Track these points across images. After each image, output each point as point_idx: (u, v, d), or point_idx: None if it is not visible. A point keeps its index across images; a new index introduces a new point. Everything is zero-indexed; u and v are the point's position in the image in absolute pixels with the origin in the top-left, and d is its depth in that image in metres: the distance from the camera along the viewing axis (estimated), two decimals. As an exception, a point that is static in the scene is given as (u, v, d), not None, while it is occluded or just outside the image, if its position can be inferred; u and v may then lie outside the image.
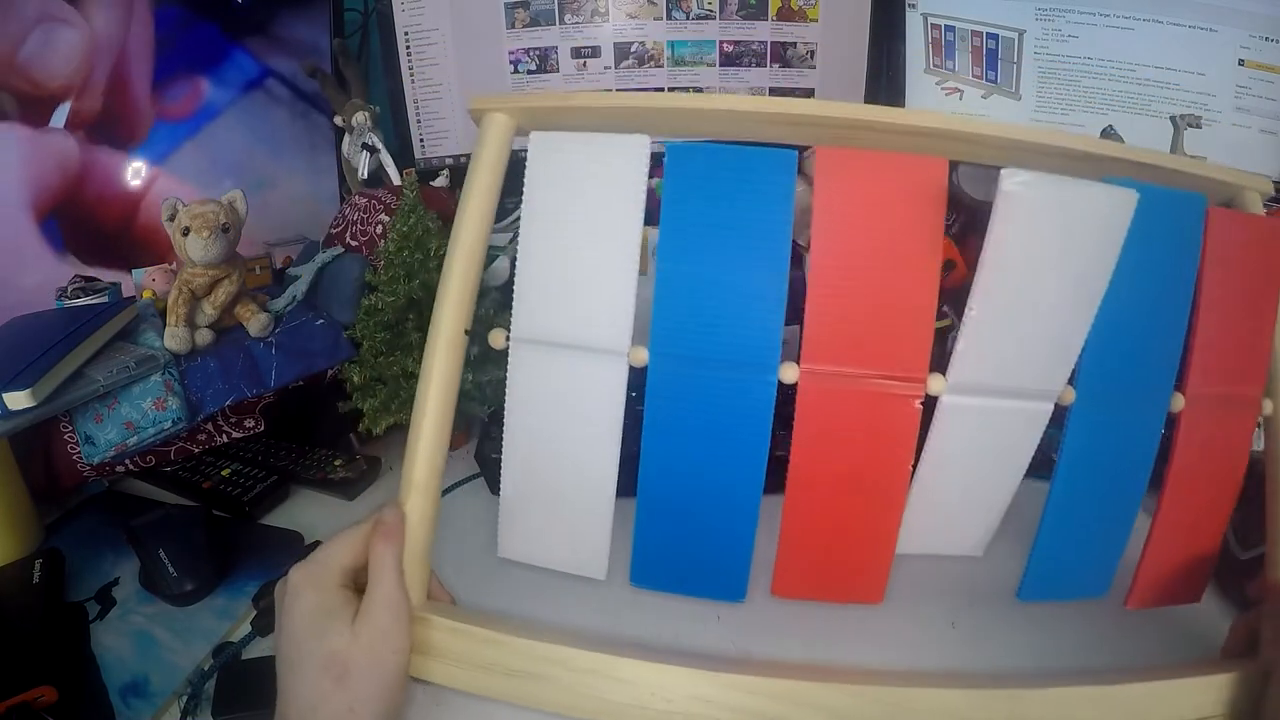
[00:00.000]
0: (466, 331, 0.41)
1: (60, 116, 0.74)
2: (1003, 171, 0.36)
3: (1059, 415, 0.43)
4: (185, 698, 0.43)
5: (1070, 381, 0.42)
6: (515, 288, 0.42)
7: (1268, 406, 0.44)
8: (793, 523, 0.42)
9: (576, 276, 0.41)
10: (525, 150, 0.42)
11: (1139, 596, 0.45)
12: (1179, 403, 0.43)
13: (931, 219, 0.39)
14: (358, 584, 0.39)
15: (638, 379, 0.41)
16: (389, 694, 0.36)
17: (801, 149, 0.41)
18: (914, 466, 0.42)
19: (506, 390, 0.43)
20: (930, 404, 0.41)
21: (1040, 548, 0.44)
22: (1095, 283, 0.40)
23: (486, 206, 0.42)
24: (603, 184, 0.40)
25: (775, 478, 0.41)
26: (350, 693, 0.35)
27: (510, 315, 0.42)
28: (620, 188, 0.40)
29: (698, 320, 0.40)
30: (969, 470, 0.44)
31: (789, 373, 0.40)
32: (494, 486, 0.62)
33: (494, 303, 0.61)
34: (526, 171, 0.41)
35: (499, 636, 0.39)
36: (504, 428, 0.43)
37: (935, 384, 0.40)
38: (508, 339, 0.42)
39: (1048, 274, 0.39)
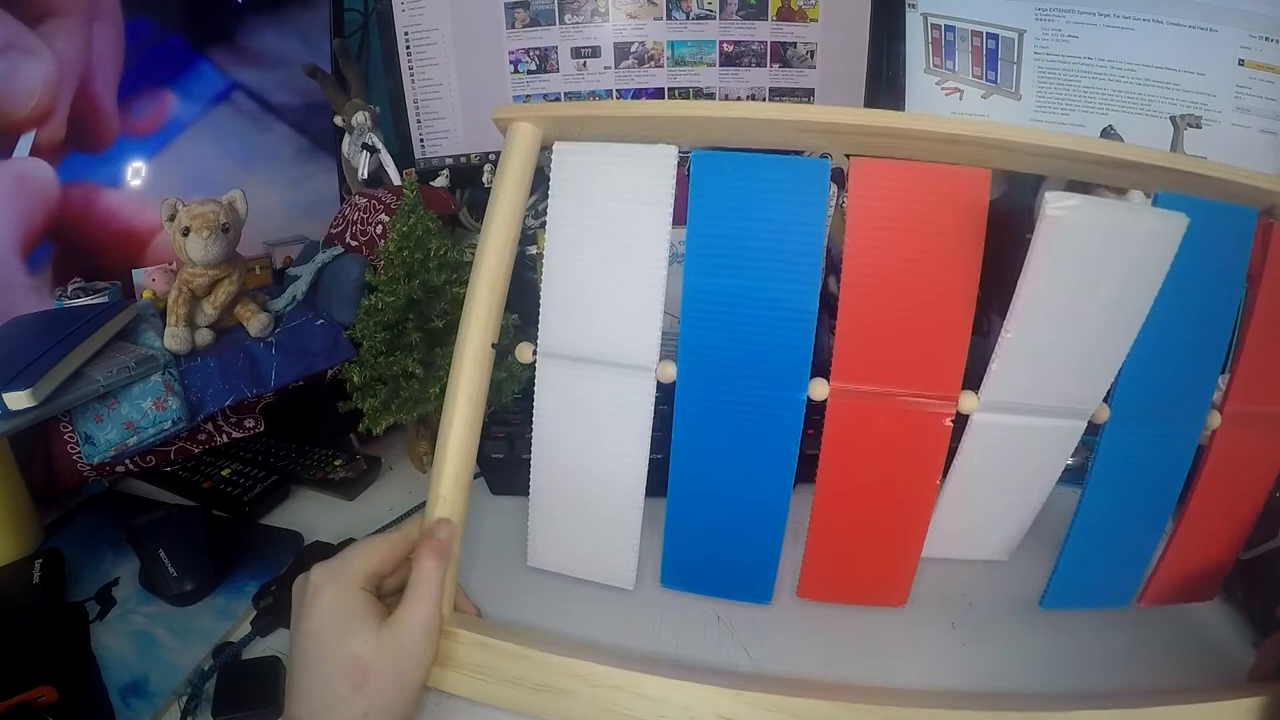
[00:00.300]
0: (493, 345, 0.41)
1: (24, 146, 0.72)
2: (1047, 195, 0.35)
3: (1092, 425, 0.42)
4: (185, 698, 0.43)
5: (1105, 398, 0.41)
6: (541, 301, 0.41)
7: None
8: (820, 530, 0.43)
9: (603, 291, 0.40)
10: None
11: (1152, 596, 0.45)
12: (1215, 420, 0.42)
13: (971, 232, 0.38)
14: (381, 590, 0.39)
15: (665, 387, 0.41)
16: (405, 706, 0.36)
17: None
18: (943, 477, 0.42)
19: (535, 403, 0.43)
20: (961, 418, 0.40)
21: (1065, 560, 0.44)
22: (1138, 306, 0.39)
23: (513, 219, 0.41)
24: (629, 196, 0.39)
25: (801, 469, 0.41)
26: (367, 699, 0.34)
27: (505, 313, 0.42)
28: (647, 200, 0.39)
29: (726, 335, 0.39)
30: (998, 482, 0.44)
31: (819, 389, 0.39)
32: (494, 487, 0.62)
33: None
34: (551, 183, 0.40)
35: (525, 651, 0.39)
36: (532, 440, 0.43)
37: (967, 402, 0.40)
38: (534, 353, 0.42)
39: (1089, 299, 0.38)
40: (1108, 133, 0.74)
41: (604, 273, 0.40)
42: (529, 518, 0.46)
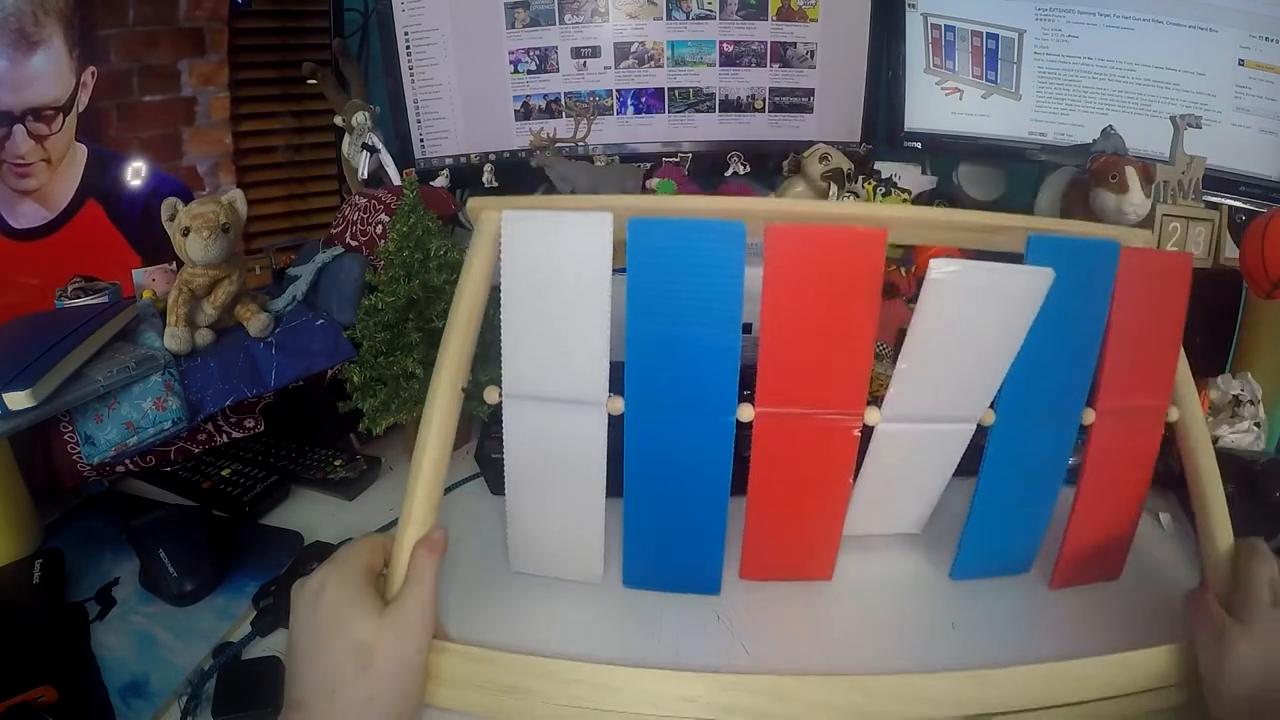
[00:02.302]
0: (463, 389, 0.45)
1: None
2: (933, 261, 0.42)
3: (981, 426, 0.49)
4: (185, 698, 0.43)
5: (991, 405, 0.48)
6: (503, 350, 0.46)
7: (1174, 414, 0.50)
8: (754, 524, 0.50)
9: (555, 340, 0.45)
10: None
11: (1062, 579, 0.52)
12: (1089, 416, 0.49)
13: (869, 280, 0.44)
14: (378, 585, 0.40)
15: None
16: (408, 691, 0.37)
17: (801, 147, 0.42)
18: (856, 475, 0.49)
19: (504, 435, 0.48)
20: (868, 428, 0.47)
21: (967, 539, 0.51)
22: (1012, 341, 0.46)
23: (482, 289, 0.46)
24: (572, 256, 0.43)
25: (739, 479, 0.47)
26: (371, 682, 0.35)
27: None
28: (588, 259, 0.43)
29: (665, 373, 0.45)
30: (904, 474, 0.52)
31: (745, 412, 0.46)
32: (494, 487, 0.62)
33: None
34: (502, 248, 0.44)
35: (487, 654, 0.41)
36: (505, 467, 0.48)
37: (871, 415, 0.47)
38: (500, 395, 0.47)
39: (969, 340, 0.45)
40: (1107, 133, 0.74)
41: (554, 325, 0.45)
42: (507, 529, 0.51)
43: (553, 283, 0.44)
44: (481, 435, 0.65)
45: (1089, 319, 0.47)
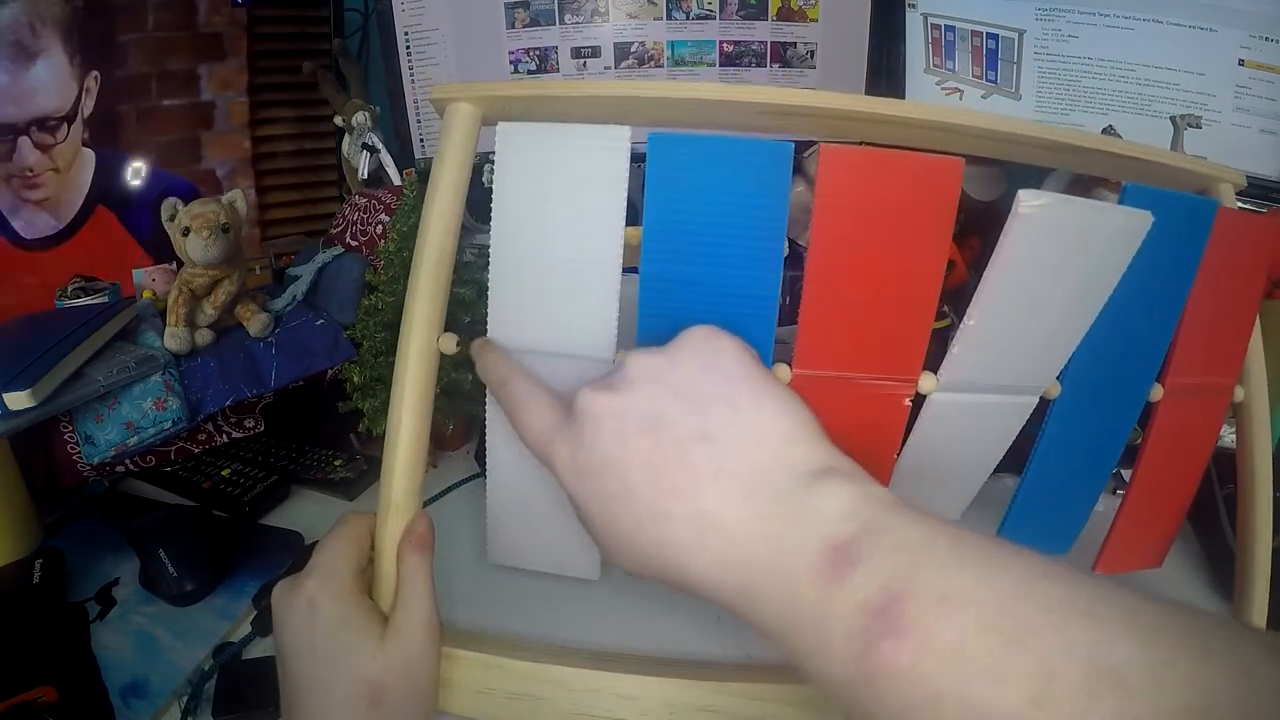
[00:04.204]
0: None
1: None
2: (1021, 193, 0.35)
3: (1040, 407, 0.44)
4: (185, 698, 0.43)
5: (1058, 375, 0.43)
6: (490, 290, 0.39)
7: (1239, 394, 0.46)
8: None
9: (555, 280, 0.38)
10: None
11: (1106, 564, 0.48)
12: (1158, 393, 0.45)
13: (940, 223, 0.37)
14: (365, 585, 0.38)
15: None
16: (424, 711, 0.35)
17: (801, 148, 0.39)
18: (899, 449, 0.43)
19: (487, 398, 0.40)
20: (920, 396, 0.41)
21: (1011, 518, 0.46)
22: (1098, 296, 0.40)
23: (454, 207, 0.39)
24: (580, 180, 0.36)
25: None
26: (384, 718, 0.33)
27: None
28: (599, 184, 0.36)
29: (685, 322, 0.37)
30: (951, 452, 0.45)
31: (780, 374, 0.39)
32: (494, 486, 0.63)
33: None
34: (495, 168, 0.37)
35: (496, 660, 0.38)
36: (486, 435, 0.41)
37: (926, 383, 0.40)
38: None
39: (1053, 291, 0.39)
40: (1107, 132, 0.74)
41: (554, 260, 0.38)
42: (486, 512, 0.44)
43: (553, 210, 0.37)
44: (481, 434, 0.65)
45: (1172, 284, 0.42)
